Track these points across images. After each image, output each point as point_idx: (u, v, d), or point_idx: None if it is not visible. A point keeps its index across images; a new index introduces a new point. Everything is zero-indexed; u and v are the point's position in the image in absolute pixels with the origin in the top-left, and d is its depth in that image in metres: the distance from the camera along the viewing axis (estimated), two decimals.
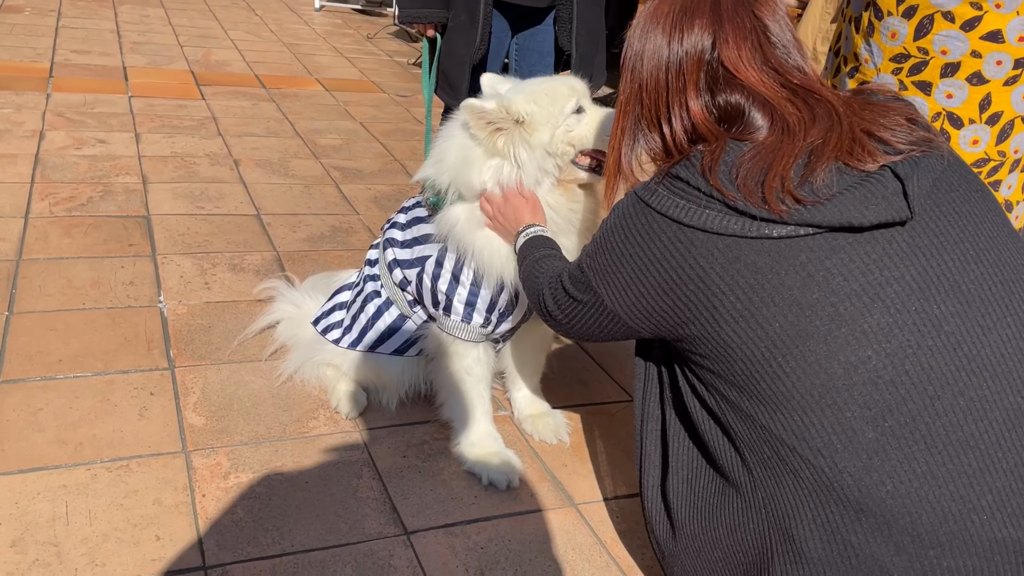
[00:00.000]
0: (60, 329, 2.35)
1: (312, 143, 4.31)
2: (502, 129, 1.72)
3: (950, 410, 1.14)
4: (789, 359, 1.18)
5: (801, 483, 1.20)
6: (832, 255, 1.17)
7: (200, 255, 2.91)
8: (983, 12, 1.71)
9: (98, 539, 1.66)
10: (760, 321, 1.19)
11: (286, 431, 2.06)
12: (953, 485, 1.13)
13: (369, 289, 2.14)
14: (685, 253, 1.23)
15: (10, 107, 4.19)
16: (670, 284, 1.25)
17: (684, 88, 1.32)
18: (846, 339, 1.16)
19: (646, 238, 1.27)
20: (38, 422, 1.97)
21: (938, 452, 1.14)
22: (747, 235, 1.18)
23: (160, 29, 6.49)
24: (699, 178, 1.23)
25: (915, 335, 1.15)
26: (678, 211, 1.23)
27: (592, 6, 2.61)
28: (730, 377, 1.25)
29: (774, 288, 1.17)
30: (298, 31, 7.20)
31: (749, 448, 1.27)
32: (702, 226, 1.21)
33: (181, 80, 5.16)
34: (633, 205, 1.31)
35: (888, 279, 1.16)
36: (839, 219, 1.15)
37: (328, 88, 5.46)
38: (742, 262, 1.18)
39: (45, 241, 2.86)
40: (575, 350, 2.63)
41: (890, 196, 1.16)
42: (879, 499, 1.14)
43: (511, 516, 1.87)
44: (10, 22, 5.99)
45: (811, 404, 1.17)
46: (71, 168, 3.53)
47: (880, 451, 1.15)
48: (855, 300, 1.16)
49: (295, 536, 1.73)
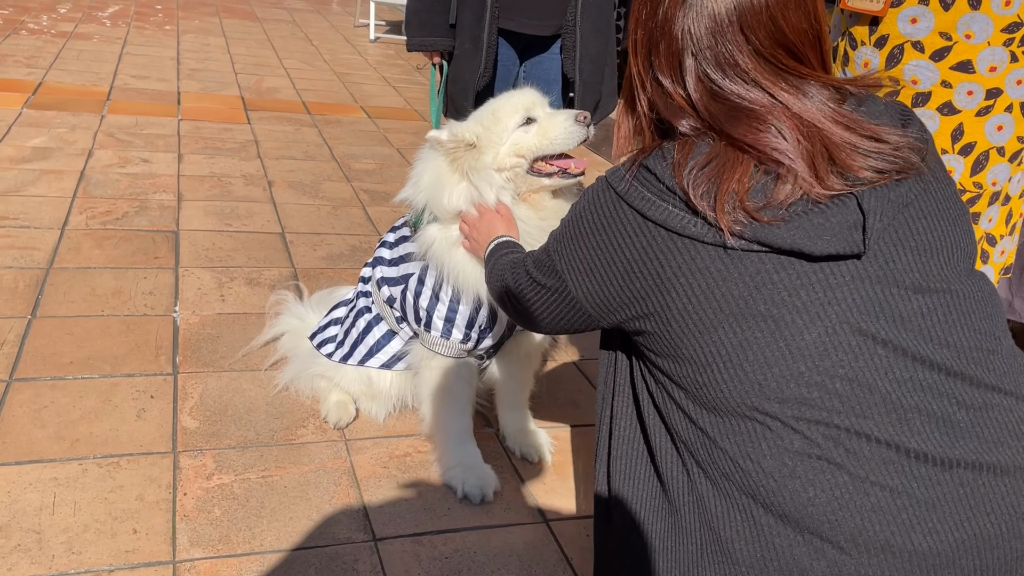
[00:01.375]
0: (76, 333, 2.47)
1: (347, 167, 4.44)
2: (458, 155, 1.79)
3: (874, 427, 1.15)
4: (729, 367, 1.20)
5: (731, 485, 1.22)
6: (781, 270, 1.18)
7: (220, 269, 3.02)
8: (952, 43, 1.71)
9: (78, 529, 1.74)
10: (707, 326, 1.21)
11: (274, 437, 2.12)
12: (875, 497, 1.14)
13: (361, 305, 2.20)
14: (646, 246, 1.24)
15: (65, 127, 4.43)
16: (630, 275, 1.26)
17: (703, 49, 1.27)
18: (781, 353, 1.17)
19: (611, 225, 1.28)
20: (41, 418, 2.07)
21: (860, 465, 1.14)
22: (704, 240, 1.19)
23: (218, 57, 6.77)
24: (667, 173, 1.23)
25: (849, 356, 1.17)
26: (643, 203, 1.23)
27: (596, 34, 2.66)
28: (676, 377, 1.27)
29: (723, 296, 1.19)
30: (350, 61, 7.43)
31: (688, 449, 1.29)
32: (664, 223, 1.21)
33: (230, 105, 5.37)
34: (603, 191, 1.30)
35: (831, 299, 1.18)
36: (790, 244, 1.16)
37: (371, 115, 5.62)
38: (697, 265, 1.20)
39: (77, 251, 3.01)
40: (571, 371, 2.65)
41: (846, 229, 1.17)
42: (802, 504, 1.16)
43: (480, 529, 1.89)
44: (78, 48, 6.32)
45: (745, 411, 1.19)
46: (112, 184, 3.71)
47: (805, 460, 1.16)
48: (796, 316, 1.17)
49: (265, 537, 1.79)
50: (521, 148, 1.81)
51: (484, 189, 1.80)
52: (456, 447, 2.04)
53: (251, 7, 9.85)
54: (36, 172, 3.73)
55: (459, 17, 2.64)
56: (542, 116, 1.85)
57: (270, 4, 10.35)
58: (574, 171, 1.84)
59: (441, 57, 2.77)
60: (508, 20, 2.67)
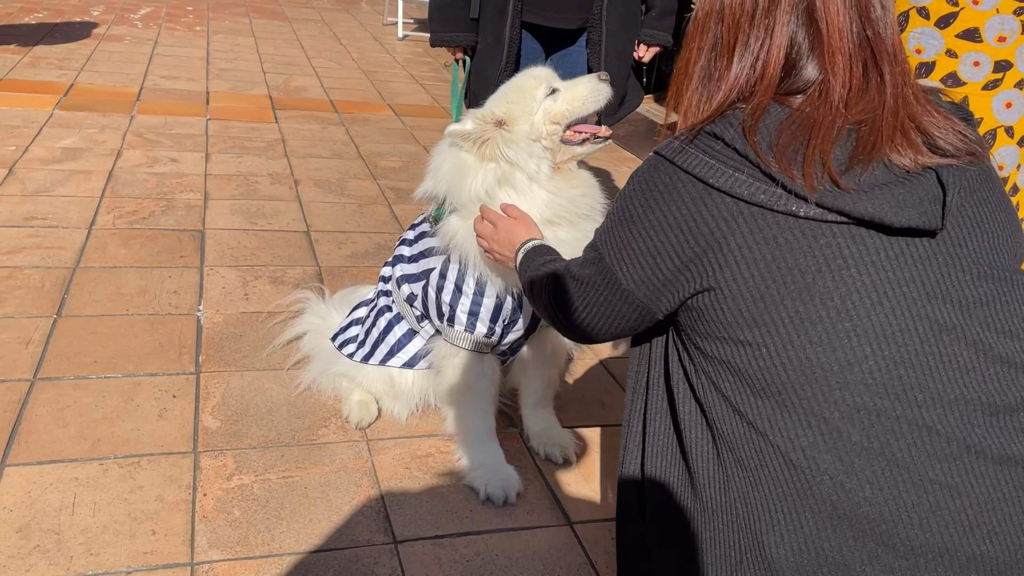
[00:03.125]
0: (101, 333, 2.48)
1: (373, 165, 4.42)
2: (486, 140, 1.77)
3: (937, 421, 1.10)
4: (789, 348, 1.13)
5: (778, 485, 1.16)
6: (852, 245, 1.12)
7: (245, 268, 3.02)
8: (959, 8, 1.62)
9: (97, 530, 1.73)
10: (768, 302, 1.14)
11: (296, 437, 2.10)
12: (934, 496, 1.08)
13: (381, 304, 2.18)
14: (708, 217, 1.16)
15: (95, 127, 4.46)
16: (688, 249, 1.19)
17: (774, 8, 1.21)
18: (848, 334, 1.11)
19: (667, 198, 1.20)
20: (64, 418, 2.07)
21: (921, 463, 1.09)
22: (774, 207, 1.12)
23: (247, 57, 6.80)
24: (737, 136, 1.15)
25: (915, 341, 1.11)
26: (706, 170, 1.16)
27: (622, 30, 2.61)
28: (729, 362, 1.20)
29: (788, 269, 1.12)
30: (378, 59, 7.42)
31: (729, 445, 1.22)
32: (729, 190, 1.14)
33: (259, 105, 5.38)
34: (655, 166, 1.23)
35: (900, 279, 1.12)
36: (871, 213, 1.09)
37: (398, 113, 5.60)
38: (763, 234, 1.13)
39: (103, 251, 3.01)
40: (597, 370, 2.60)
41: (928, 203, 1.11)
42: (856, 504, 1.10)
43: (503, 531, 1.85)
44: (110, 50, 6.38)
45: (801, 399, 1.13)
46: (140, 184, 3.72)
47: (863, 454, 1.10)
48: (864, 295, 1.11)
49: (284, 538, 1.76)
50: (555, 115, 1.82)
51: (524, 160, 1.79)
52: (478, 447, 2.00)
53: (281, 7, 9.90)
54: (66, 172, 3.75)
55: (482, 12, 2.60)
56: (563, 85, 1.87)
57: (299, 4, 10.39)
58: (604, 134, 1.87)
59: (464, 52, 2.73)
60: (532, 13, 2.64)
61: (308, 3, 10.56)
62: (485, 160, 1.82)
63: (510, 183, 1.80)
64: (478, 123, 1.80)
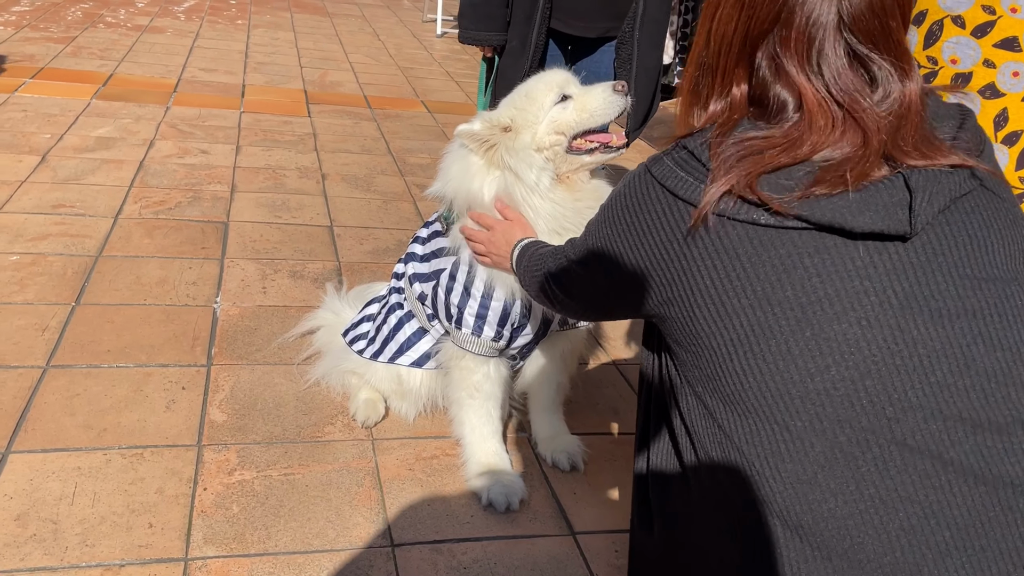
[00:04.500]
0: (117, 322, 2.48)
1: (402, 161, 4.41)
2: (493, 145, 1.73)
3: (910, 435, 1.03)
4: (749, 357, 1.11)
5: (744, 491, 1.12)
6: (815, 254, 1.08)
7: (265, 261, 3.01)
8: (997, 17, 1.54)
9: (95, 521, 1.73)
10: (729, 312, 1.12)
11: (301, 434, 2.08)
12: (905, 514, 1.02)
13: (393, 301, 2.15)
14: (674, 226, 1.18)
15: (130, 118, 4.51)
16: (657, 258, 1.21)
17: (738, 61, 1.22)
18: (807, 344, 1.07)
19: (642, 207, 1.23)
20: (72, 406, 2.07)
21: (890, 477, 1.03)
22: (735, 217, 1.11)
23: (286, 51, 6.84)
24: (703, 150, 1.17)
25: (883, 352, 1.05)
26: (675, 182, 1.18)
27: (653, 47, 2.59)
28: (697, 369, 1.19)
29: (748, 279, 1.11)
30: (415, 55, 7.42)
31: (703, 448, 1.20)
32: (691, 199, 1.15)
33: (293, 98, 5.40)
34: (639, 175, 1.27)
35: (867, 289, 1.07)
36: (829, 218, 1.06)
37: (431, 110, 5.58)
38: (724, 244, 1.12)
39: (127, 240, 3.03)
40: (612, 376, 2.54)
41: (892, 205, 1.06)
42: (820, 517, 1.05)
43: (503, 539, 1.81)
44: (151, 41, 6.46)
45: (764, 407, 1.10)
46: (169, 175, 3.74)
47: (827, 467, 1.05)
48: (826, 305, 1.07)
49: (281, 537, 1.74)
50: (560, 125, 1.75)
51: (523, 170, 1.74)
52: (483, 451, 1.96)
53: (323, 2, 9.96)
54: (97, 161, 3.79)
55: (512, 14, 2.58)
56: (577, 92, 1.80)
57: None
58: (616, 144, 1.78)
59: (493, 52, 2.71)
60: (557, 20, 2.62)
61: None
62: (492, 166, 1.77)
63: (508, 193, 1.76)
64: (486, 126, 1.76)
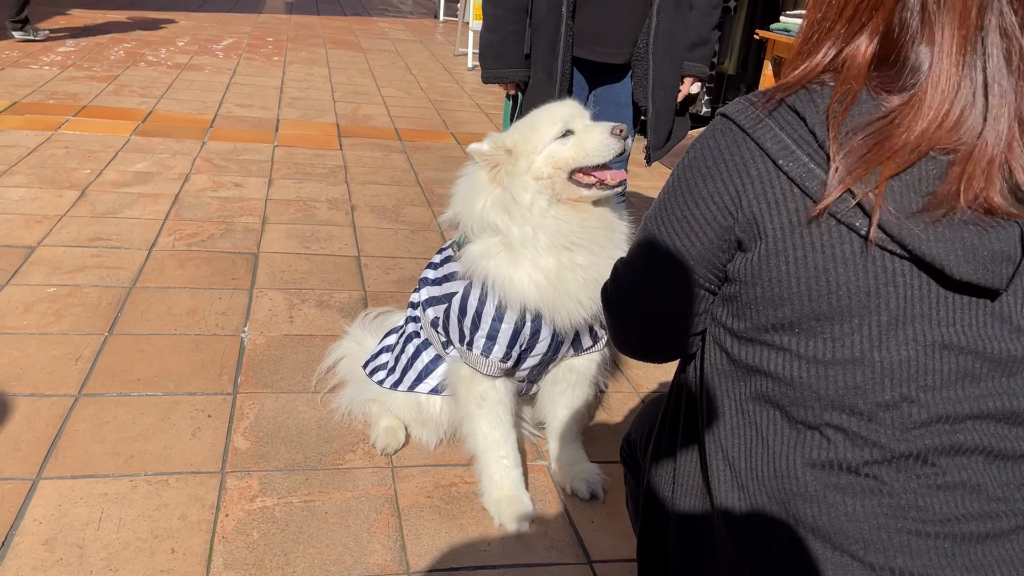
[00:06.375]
0: (147, 351, 2.55)
1: (430, 192, 4.47)
2: (496, 164, 1.79)
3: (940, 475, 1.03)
4: (815, 365, 1.05)
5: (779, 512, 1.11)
6: (905, 274, 0.99)
7: (293, 291, 3.07)
8: None
9: (119, 546, 1.77)
10: (807, 313, 1.04)
11: (322, 461, 2.11)
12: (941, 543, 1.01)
13: (410, 330, 2.18)
14: (774, 200, 1.03)
15: (167, 153, 4.64)
16: (743, 231, 1.07)
17: None
18: (873, 363, 1.02)
19: (731, 165, 1.07)
20: (101, 433, 2.13)
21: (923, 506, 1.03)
22: (837, 216, 1.00)
23: (320, 86, 6.99)
24: (819, 123, 1.02)
25: (938, 379, 1.02)
26: (779, 149, 1.03)
27: (668, 61, 2.59)
28: (764, 371, 1.11)
29: (839, 284, 1.01)
30: (446, 88, 7.54)
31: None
32: (800, 181, 1.01)
33: (325, 132, 5.52)
34: (723, 131, 1.09)
35: (941, 319, 1.01)
36: (932, 257, 0.97)
37: (460, 141, 5.66)
38: (824, 240, 1.02)
39: (160, 272, 3.11)
40: (634, 404, 2.54)
41: (998, 261, 0.97)
42: (838, 527, 1.05)
43: (519, 567, 1.82)
44: (190, 79, 6.65)
45: (814, 418, 1.08)
46: (203, 207, 3.84)
47: (851, 478, 1.06)
48: (901, 328, 1.01)
49: (299, 563, 1.77)
50: (558, 160, 1.80)
51: (519, 192, 1.80)
52: (495, 467, 1.99)
53: (357, 38, 10.17)
54: (134, 195, 3.90)
55: (533, 47, 2.62)
56: (580, 128, 1.83)
57: (375, 35, 10.67)
58: (611, 182, 1.82)
59: (516, 88, 2.75)
60: (580, 48, 2.64)
61: (384, 34, 10.83)
62: (495, 184, 1.84)
63: (507, 210, 1.81)
64: (492, 146, 1.83)
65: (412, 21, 12.88)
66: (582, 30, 2.62)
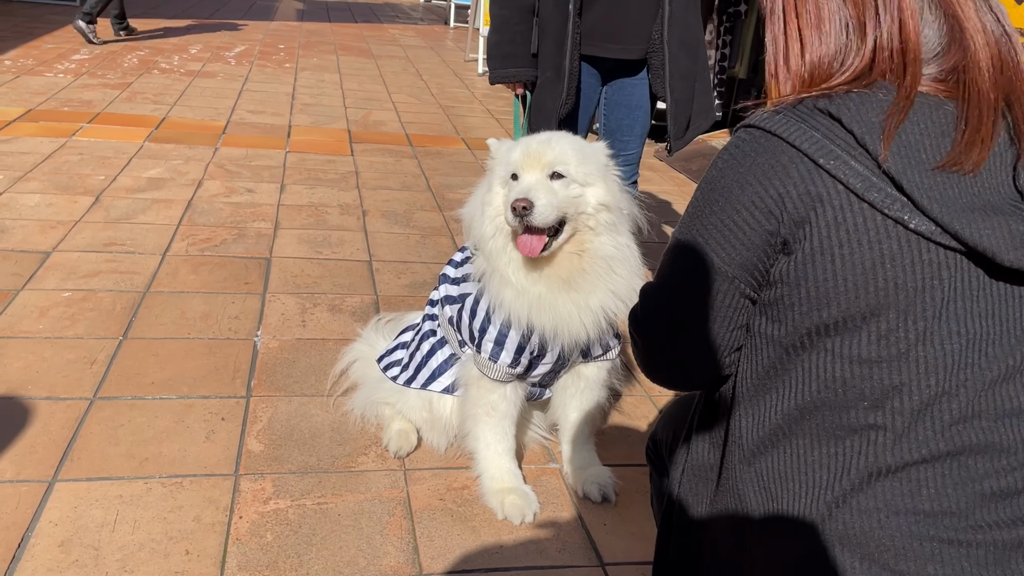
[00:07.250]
0: (161, 355, 2.56)
1: (441, 196, 4.48)
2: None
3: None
4: (863, 364, 1.05)
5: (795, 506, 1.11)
6: (952, 271, 1.01)
7: (305, 295, 3.08)
8: None
9: (134, 547, 1.78)
10: (856, 309, 1.04)
11: (335, 464, 2.12)
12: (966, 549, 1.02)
13: (427, 328, 2.19)
14: (817, 200, 1.02)
15: (181, 159, 4.67)
16: (785, 227, 1.06)
17: None
18: (919, 359, 1.03)
19: (766, 168, 1.05)
20: (116, 436, 2.14)
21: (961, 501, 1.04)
22: (884, 210, 1.00)
23: (331, 92, 7.02)
24: (871, 131, 1.01)
25: (977, 375, 1.03)
26: (814, 147, 1.02)
27: (684, 50, 2.57)
28: (807, 370, 1.11)
29: (885, 279, 1.01)
30: (457, 94, 7.56)
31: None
32: (843, 178, 1.00)
33: (336, 138, 5.54)
34: (751, 139, 1.09)
35: (983, 312, 1.03)
36: (984, 246, 0.98)
37: (471, 146, 5.67)
38: (870, 237, 1.01)
39: (174, 277, 3.13)
40: (648, 409, 2.54)
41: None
42: (872, 537, 1.05)
43: (531, 568, 1.82)
44: (203, 86, 6.69)
45: (855, 422, 1.08)
46: (216, 213, 3.86)
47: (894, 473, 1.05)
48: (945, 323, 1.02)
49: (313, 565, 1.77)
50: (495, 205, 1.87)
51: (484, 222, 1.88)
52: (497, 467, 2.00)
53: (368, 45, 10.21)
54: (148, 201, 3.93)
55: (540, 46, 2.61)
56: (522, 178, 1.77)
57: (386, 41, 10.71)
58: (519, 248, 1.77)
59: (524, 88, 2.75)
60: (591, 46, 2.63)
61: (395, 41, 10.87)
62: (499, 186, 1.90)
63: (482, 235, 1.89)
64: (493, 149, 1.92)
65: (422, 27, 12.92)
66: (594, 27, 2.61)
